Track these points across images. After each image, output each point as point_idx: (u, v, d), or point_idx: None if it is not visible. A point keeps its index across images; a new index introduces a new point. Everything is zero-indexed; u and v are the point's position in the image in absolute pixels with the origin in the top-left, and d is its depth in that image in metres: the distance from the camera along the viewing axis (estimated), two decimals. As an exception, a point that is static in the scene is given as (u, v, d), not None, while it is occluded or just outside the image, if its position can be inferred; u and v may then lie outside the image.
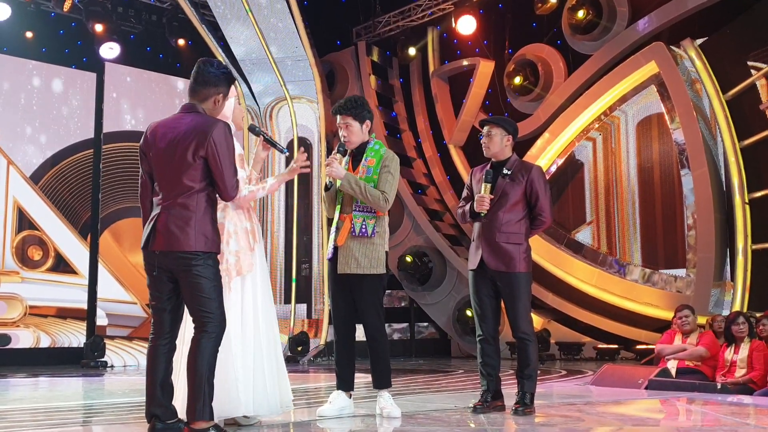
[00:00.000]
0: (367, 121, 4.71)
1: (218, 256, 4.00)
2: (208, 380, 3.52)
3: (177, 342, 3.76)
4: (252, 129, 4.50)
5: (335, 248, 4.59)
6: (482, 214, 4.83)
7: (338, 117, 4.70)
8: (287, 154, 4.53)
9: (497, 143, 4.96)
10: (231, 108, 4.32)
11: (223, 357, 3.83)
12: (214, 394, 3.71)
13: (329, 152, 13.28)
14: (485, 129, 5.01)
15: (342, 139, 4.71)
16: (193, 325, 3.69)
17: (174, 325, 3.70)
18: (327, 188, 4.69)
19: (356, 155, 4.74)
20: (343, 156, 4.68)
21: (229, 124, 4.34)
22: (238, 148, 4.25)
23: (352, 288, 4.57)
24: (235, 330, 4.01)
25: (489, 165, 5.02)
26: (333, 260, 4.60)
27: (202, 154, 3.55)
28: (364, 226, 4.55)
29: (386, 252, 4.64)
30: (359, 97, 4.82)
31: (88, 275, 12.07)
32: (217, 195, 3.68)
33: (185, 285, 3.57)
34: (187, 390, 3.53)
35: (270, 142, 4.46)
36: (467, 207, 4.99)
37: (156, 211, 3.62)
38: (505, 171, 4.89)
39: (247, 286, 4.13)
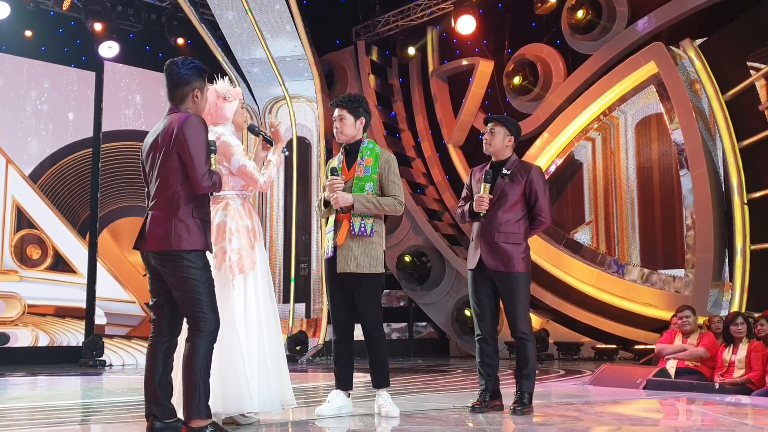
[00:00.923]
0: (362, 118, 4.73)
1: (221, 254, 4.02)
2: (204, 379, 3.52)
3: (179, 339, 3.76)
4: (251, 129, 4.51)
5: (334, 248, 4.59)
6: (481, 214, 4.83)
7: (335, 110, 4.74)
8: (287, 153, 4.54)
9: (499, 142, 4.96)
10: (233, 110, 4.34)
11: (231, 354, 3.85)
12: (224, 391, 3.71)
13: (328, 152, 13.32)
14: (489, 126, 5.01)
15: (335, 131, 4.73)
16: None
17: (173, 324, 3.70)
18: (327, 204, 4.67)
19: (350, 153, 4.74)
20: (338, 176, 4.63)
21: (229, 125, 4.36)
22: (240, 144, 4.28)
23: (351, 287, 4.57)
24: (241, 327, 4.03)
25: (489, 165, 5.02)
26: (332, 260, 4.60)
27: (175, 150, 3.57)
28: (363, 226, 4.56)
29: (384, 251, 4.65)
30: (359, 95, 4.85)
31: (87, 274, 12.07)
32: (208, 190, 3.68)
33: (173, 285, 3.59)
34: (183, 389, 3.53)
35: (269, 142, 4.46)
36: (466, 207, 4.99)
37: (147, 212, 3.67)
38: (504, 171, 4.89)
39: (249, 283, 4.15)
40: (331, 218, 4.68)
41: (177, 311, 3.69)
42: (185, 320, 3.73)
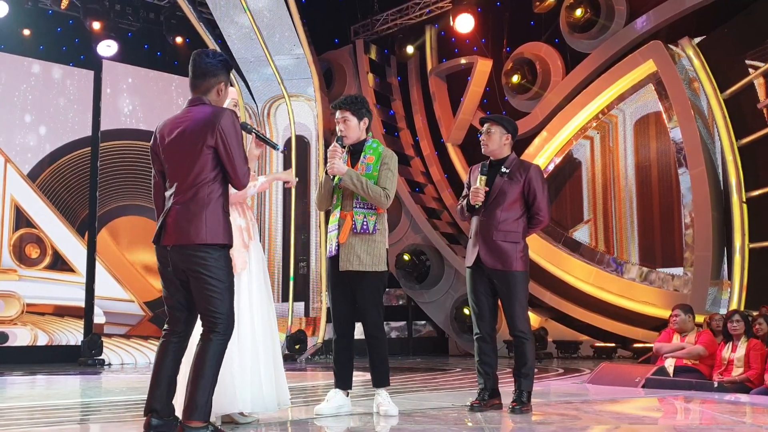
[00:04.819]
0: (365, 119, 4.72)
1: None
2: (212, 381, 3.48)
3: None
4: (244, 127, 4.49)
5: (337, 246, 4.58)
6: (476, 206, 4.84)
7: (337, 112, 4.72)
8: (280, 150, 4.52)
9: (496, 141, 4.96)
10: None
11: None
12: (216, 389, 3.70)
13: (326, 151, 13.31)
14: (485, 127, 5.01)
15: (339, 134, 4.72)
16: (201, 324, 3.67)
17: (188, 323, 3.64)
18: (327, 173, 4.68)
19: (354, 153, 4.74)
20: (342, 147, 4.66)
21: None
22: None
23: (353, 285, 4.56)
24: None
25: (488, 162, 5.03)
26: (334, 258, 4.59)
27: (211, 144, 3.51)
28: (365, 223, 4.55)
29: (387, 249, 4.64)
30: (360, 95, 4.84)
31: (86, 273, 12.06)
32: (229, 185, 3.64)
33: (195, 282, 3.51)
34: (189, 387, 3.49)
35: (262, 139, 4.44)
36: (464, 202, 4.99)
37: (168, 205, 3.57)
38: (503, 169, 4.89)
39: (243, 283, 4.12)
40: (334, 216, 4.67)
41: (194, 311, 3.65)
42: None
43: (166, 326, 3.65)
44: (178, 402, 3.67)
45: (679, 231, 11.65)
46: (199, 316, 3.66)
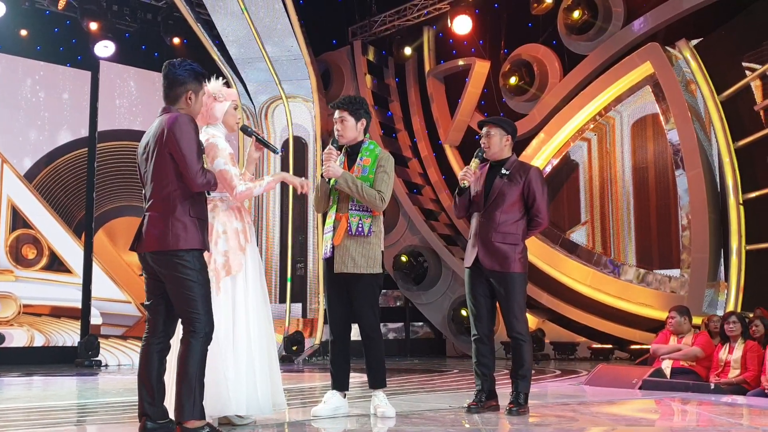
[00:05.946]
0: (363, 120, 4.72)
1: (207, 257, 3.99)
2: (199, 379, 3.53)
3: (171, 341, 3.76)
4: (244, 129, 4.50)
5: (332, 247, 4.58)
6: (464, 186, 4.85)
7: (336, 112, 4.72)
8: (280, 153, 4.53)
9: (496, 143, 4.97)
10: (223, 110, 4.32)
11: (212, 357, 3.83)
12: (205, 394, 3.71)
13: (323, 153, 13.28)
14: (484, 130, 5.01)
15: (336, 134, 4.72)
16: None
17: (168, 325, 3.71)
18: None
19: (351, 154, 4.74)
20: (338, 150, 4.67)
21: (221, 125, 4.35)
22: (228, 147, 4.25)
23: (348, 287, 4.57)
24: (226, 330, 4.00)
25: (488, 164, 5.03)
26: (329, 259, 4.60)
27: (167, 150, 3.58)
28: (360, 225, 4.55)
29: (382, 251, 4.64)
30: (359, 96, 4.85)
31: (83, 274, 12.04)
32: (200, 189, 3.67)
33: (169, 285, 3.59)
34: (176, 389, 3.52)
35: (262, 143, 4.45)
36: (456, 190, 5.00)
37: (143, 214, 3.68)
38: (503, 171, 4.89)
39: (239, 286, 4.12)
40: (330, 218, 4.68)
41: (172, 312, 3.69)
42: (180, 322, 3.73)
43: (146, 330, 3.71)
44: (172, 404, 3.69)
45: (676, 233, 11.66)
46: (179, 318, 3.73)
